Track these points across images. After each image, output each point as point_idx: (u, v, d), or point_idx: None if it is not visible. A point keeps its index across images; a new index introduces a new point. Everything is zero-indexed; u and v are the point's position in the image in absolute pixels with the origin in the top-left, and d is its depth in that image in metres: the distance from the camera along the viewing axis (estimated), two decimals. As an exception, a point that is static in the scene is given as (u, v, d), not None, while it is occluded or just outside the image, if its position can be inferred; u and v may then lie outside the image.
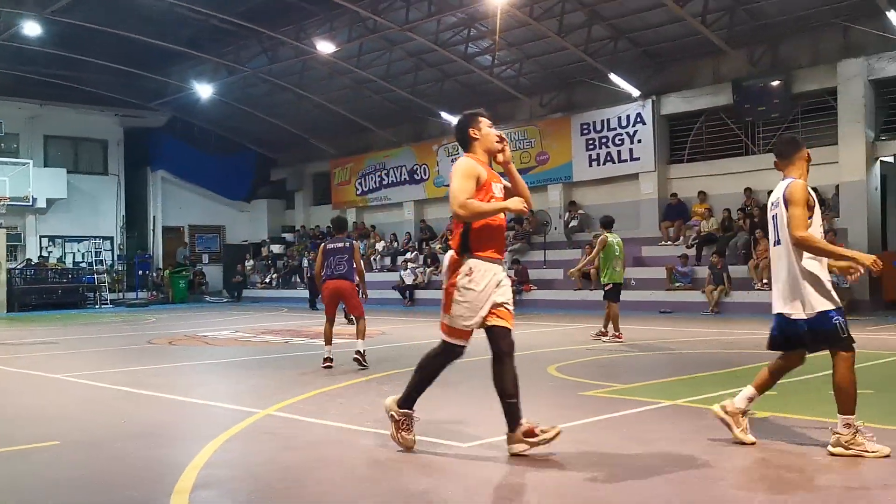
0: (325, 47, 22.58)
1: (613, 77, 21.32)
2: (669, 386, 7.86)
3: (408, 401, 5.15)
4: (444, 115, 25.40)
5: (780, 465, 4.74)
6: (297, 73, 26.00)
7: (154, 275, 31.17)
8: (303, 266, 28.54)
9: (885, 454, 4.74)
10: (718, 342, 11.71)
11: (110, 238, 30.91)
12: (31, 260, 28.24)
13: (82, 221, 29.95)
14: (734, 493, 4.27)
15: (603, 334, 11.98)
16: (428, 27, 21.75)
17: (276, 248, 31.84)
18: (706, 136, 21.28)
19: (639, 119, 21.72)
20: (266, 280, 30.53)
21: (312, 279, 22.85)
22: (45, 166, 29.00)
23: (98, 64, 25.80)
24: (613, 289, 12.09)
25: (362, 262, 10.16)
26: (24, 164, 27.87)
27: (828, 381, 5.00)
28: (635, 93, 21.56)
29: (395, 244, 27.84)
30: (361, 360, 9.29)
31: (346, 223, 10.50)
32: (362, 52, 23.92)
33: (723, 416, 5.22)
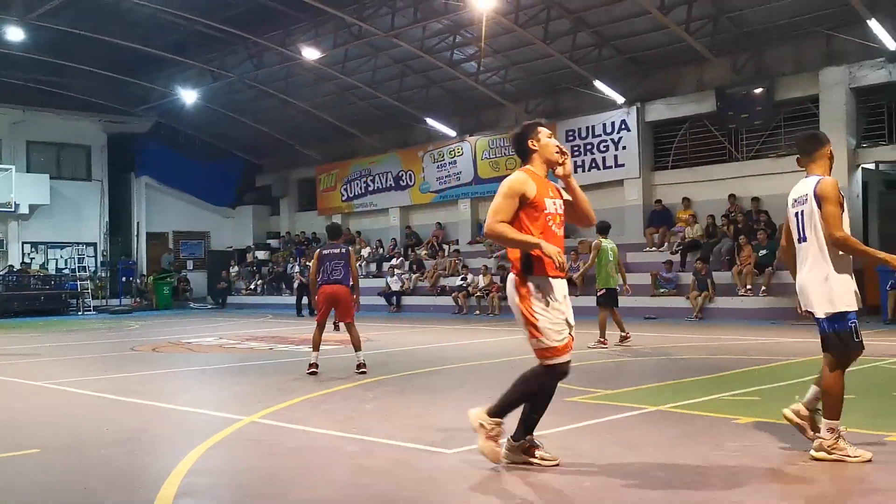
0: (310, 53, 22.54)
1: (598, 84, 21.41)
2: (655, 391, 7.88)
3: (500, 412, 4.90)
4: (429, 122, 25.44)
5: (764, 470, 4.76)
6: (282, 79, 25.96)
7: (138, 281, 30.98)
8: (288, 272, 28.46)
9: (867, 459, 4.77)
10: (703, 348, 11.74)
11: (94, 244, 30.70)
12: (13, 266, 28.00)
13: (65, 227, 29.73)
14: (719, 496, 4.28)
15: (603, 342, 11.80)
16: (413, 34, 21.78)
17: (262, 255, 31.73)
18: (690, 142, 21.40)
19: (623, 126, 21.83)
20: (251, 286, 30.39)
21: (301, 286, 22.88)
22: (27, 172, 28.75)
23: (82, 69, 25.69)
24: (606, 294, 12.07)
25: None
26: (6, 170, 27.63)
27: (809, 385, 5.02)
28: (620, 100, 21.66)
29: (380, 250, 27.82)
30: (363, 368, 9.39)
31: (340, 230, 10.63)
32: (348, 59, 23.92)
33: (797, 420, 5.11)
